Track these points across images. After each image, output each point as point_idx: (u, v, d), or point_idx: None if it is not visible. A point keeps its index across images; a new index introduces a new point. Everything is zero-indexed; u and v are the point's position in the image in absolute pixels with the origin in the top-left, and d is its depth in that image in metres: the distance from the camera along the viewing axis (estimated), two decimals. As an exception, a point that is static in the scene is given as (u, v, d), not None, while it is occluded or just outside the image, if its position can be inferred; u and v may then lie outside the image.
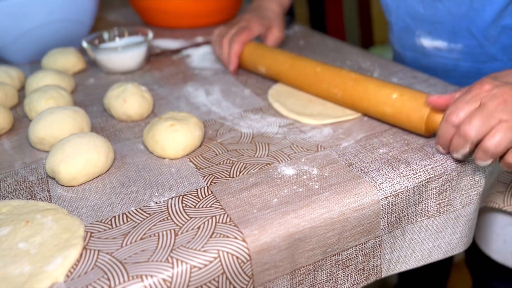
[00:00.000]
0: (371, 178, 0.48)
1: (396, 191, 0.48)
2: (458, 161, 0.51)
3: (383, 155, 0.52)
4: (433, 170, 0.50)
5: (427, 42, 0.73)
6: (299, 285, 0.46)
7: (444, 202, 0.51)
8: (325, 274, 0.47)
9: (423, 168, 0.50)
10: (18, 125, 0.65)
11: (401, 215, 0.49)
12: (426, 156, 0.51)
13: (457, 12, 0.67)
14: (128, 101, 0.62)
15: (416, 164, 0.50)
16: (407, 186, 0.48)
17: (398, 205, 0.48)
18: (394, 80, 0.70)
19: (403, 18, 0.74)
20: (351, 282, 0.49)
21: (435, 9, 0.69)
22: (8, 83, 0.72)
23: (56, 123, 0.55)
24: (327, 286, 0.47)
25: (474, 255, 0.81)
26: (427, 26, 0.71)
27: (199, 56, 0.86)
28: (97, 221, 0.45)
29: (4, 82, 0.71)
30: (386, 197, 0.47)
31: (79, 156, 0.49)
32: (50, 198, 0.49)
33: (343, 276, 0.48)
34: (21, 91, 0.76)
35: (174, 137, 0.53)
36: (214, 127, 0.61)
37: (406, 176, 0.49)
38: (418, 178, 0.49)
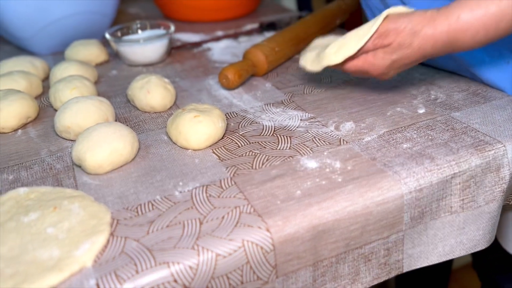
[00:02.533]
0: (395, 172, 0.48)
1: (420, 186, 0.47)
2: (483, 157, 0.51)
3: (406, 150, 0.52)
4: (457, 166, 0.50)
5: None
6: (321, 277, 0.46)
7: (467, 198, 0.51)
8: (347, 267, 0.47)
9: (448, 164, 0.49)
10: (43, 114, 0.66)
11: (424, 210, 0.49)
12: (450, 152, 0.51)
13: None
14: (152, 92, 0.62)
15: (441, 159, 0.50)
16: (431, 181, 0.48)
17: (422, 200, 0.48)
18: (416, 75, 0.70)
19: None
20: (373, 276, 0.49)
21: None
22: (33, 73, 0.73)
23: (82, 112, 0.56)
24: (349, 279, 0.48)
25: (485, 257, 0.80)
26: None
27: (220, 50, 0.86)
28: (123, 208, 0.46)
29: (29, 72, 0.73)
30: (410, 192, 0.47)
31: (105, 145, 0.50)
32: (76, 185, 0.50)
33: (365, 270, 0.48)
34: (45, 81, 0.77)
35: (198, 128, 0.54)
36: (236, 119, 0.61)
37: (430, 171, 0.48)
38: (442, 174, 0.49)
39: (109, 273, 0.38)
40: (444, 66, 0.69)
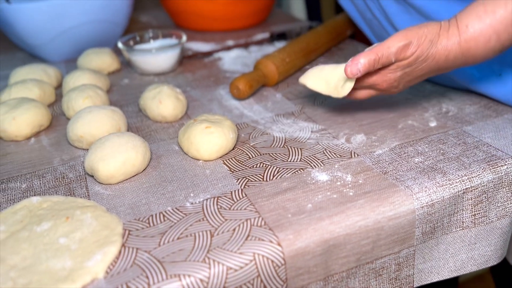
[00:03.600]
0: (407, 187, 0.48)
1: (432, 201, 0.47)
2: (495, 172, 0.50)
3: (418, 164, 0.52)
4: (469, 181, 0.49)
5: None
6: (331, 291, 0.46)
7: (479, 213, 0.51)
8: (358, 282, 0.47)
9: (460, 179, 0.49)
10: (55, 122, 0.67)
11: (436, 225, 0.49)
12: (462, 167, 0.51)
13: None
14: (164, 102, 0.63)
15: (453, 174, 0.50)
16: (443, 196, 0.48)
17: (433, 215, 0.48)
18: (427, 87, 0.70)
19: None
20: (383, 291, 0.48)
21: None
22: (45, 81, 0.74)
23: (95, 122, 0.57)
24: (359, 294, 0.47)
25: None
26: None
27: (230, 59, 0.87)
28: (135, 219, 0.46)
29: (42, 80, 0.73)
30: (422, 206, 0.47)
31: (118, 155, 0.50)
32: (88, 195, 0.50)
33: (376, 285, 0.48)
34: (58, 89, 0.78)
35: (209, 139, 0.54)
36: (247, 130, 0.62)
37: (442, 186, 0.48)
38: (454, 189, 0.48)
39: (121, 285, 0.38)
40: (443, 82, 0.69)
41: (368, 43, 0.91)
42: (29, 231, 0.44)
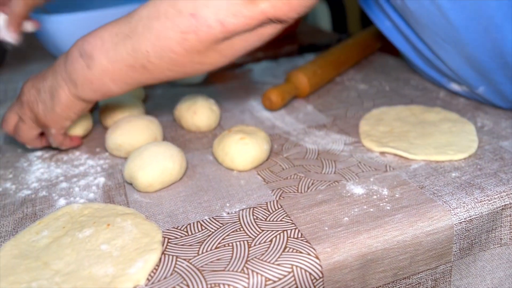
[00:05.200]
0: (444, 202, 0.47)
1: (470, 216, 0.47)
2: (535, 189, 0.49)
3: (455, 179, 0.51)
4: (508, 197, 0.49)
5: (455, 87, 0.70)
6: (367, 306, 0.46)
7: (518, 231, 0.50)
8: (394, 296, 0.46)
9: (498, 195, 0.49)
10: (93, 131, 0.68)
11: (473, 241, 0.48)
12: (500, 183, 0.50)
13: None
14: (198, 113, 0.64)
15: (491, 190, 0.49)
16: (481, 212, 0.47)
17: (471, 231, 0.47)
18: (461, 100, 0.69)
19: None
20: (419, 307, 0.48)
21: None
22: (82, 90, 0.76)
23: (133, 131, 0.58)
24: (395, 309, 0.47)
25: None
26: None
27: (260, 71, 0.88)
28: (173, 227, 0.47)
29: (79, 89, 0.75)
30: (460, 222, 0.46)
31: (156, 164, 0.51)
32: (127, 202, 0.51)
33: (412, 300, 0.47)
34: (93, 98, 0.79)
35: (244, 150, 0.55)
36: (279, 141, 0.62)
37: (480, 202, 0.48)
38: (493, 205, 0.48)
39: (162, 293, 0.39)
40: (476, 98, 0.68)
41: (396, 54, 0.91)
42: (71, 237, 0.45)
